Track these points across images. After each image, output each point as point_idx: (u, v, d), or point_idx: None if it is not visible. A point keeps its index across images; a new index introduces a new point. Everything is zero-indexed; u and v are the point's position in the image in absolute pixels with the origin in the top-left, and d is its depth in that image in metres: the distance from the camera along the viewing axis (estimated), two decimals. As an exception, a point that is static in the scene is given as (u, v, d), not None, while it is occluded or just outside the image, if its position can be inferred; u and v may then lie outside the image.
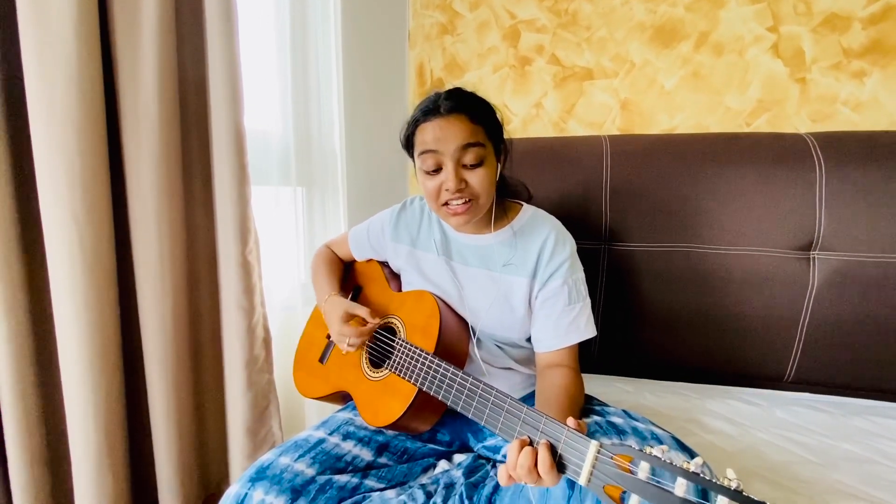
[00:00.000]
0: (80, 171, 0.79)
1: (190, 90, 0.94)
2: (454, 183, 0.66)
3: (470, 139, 0.67)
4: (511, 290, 0.74)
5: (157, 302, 0.91)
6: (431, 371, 0.65)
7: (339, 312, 0.75)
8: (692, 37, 1.20)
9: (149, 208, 0.87)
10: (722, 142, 1.03)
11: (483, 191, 0.69)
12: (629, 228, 1.03)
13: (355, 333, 0.73)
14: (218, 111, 0.92)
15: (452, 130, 0.66)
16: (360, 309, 0.75)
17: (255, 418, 1.03)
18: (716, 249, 0.99)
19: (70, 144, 0.77)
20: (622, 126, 1.28)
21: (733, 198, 0.98)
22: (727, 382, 1.06)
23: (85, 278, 0.80)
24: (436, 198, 0.70)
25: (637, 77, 1.25)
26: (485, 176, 0.68)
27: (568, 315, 0.72)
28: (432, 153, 0.67)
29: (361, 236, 0.90)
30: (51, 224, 0.79)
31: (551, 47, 1.31)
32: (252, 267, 0.99)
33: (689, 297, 1.02)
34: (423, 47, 1.44)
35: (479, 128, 0.68)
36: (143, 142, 0.86)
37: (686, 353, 1.05)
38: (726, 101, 1.20)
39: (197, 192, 0.98)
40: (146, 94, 0.85)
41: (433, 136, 0.67)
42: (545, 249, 0.73)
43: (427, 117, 0.68)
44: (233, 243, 0.95)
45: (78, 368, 0.82)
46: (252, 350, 1.01)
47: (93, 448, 0.84)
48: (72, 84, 0.76)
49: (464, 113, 0.67)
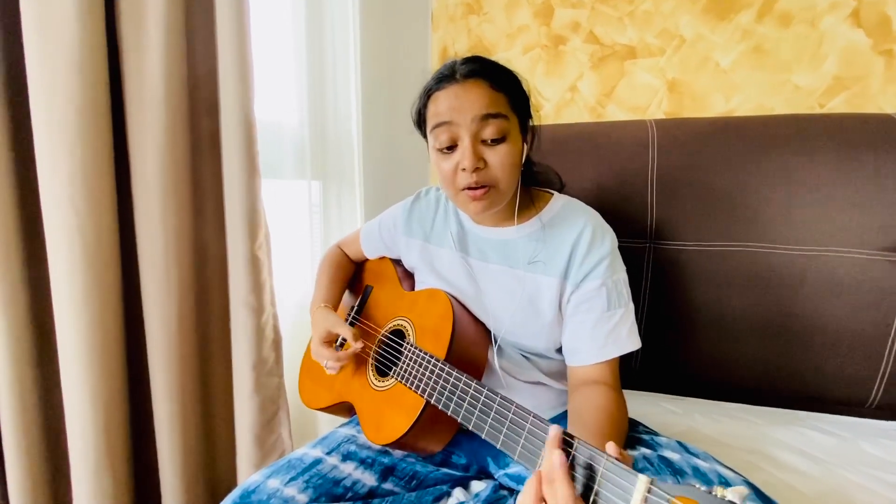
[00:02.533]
0: (81, 160, 0.76)
1: (199, 77, 0.89)
2: (471, 160, 0.56)
3: (490, 108, 0.57)
4: (538, 292, 0.63)
5: (161, 298, 0.87)
6: (441, 380, 0.55)
7: (321, 330, 0.68)
8: (754, 6, 1.05)
9: (154, 199, 0.84)
10: (793, 124, 0.87)
11: (504, 174, 0.58)
12: (679, 224, 0.90)
13: (333, 357, 0.66)
14: (227, 99, 0.87)
15: (470, 98, 0.57)
16: (343, 328, 0.67)
17: (262, 425, 0.97)
18: (785, 249, 0.84)
19: (71, 132, 0.74)
20: (669, 110, 1.14)
21: (807, 189, 0.83)
22: (796, 406, 0.90)
23: (85, 272, 0.77)
24: (452, 181, 0.60)
25: (687, 54, 1.11)
26: (507, 155, 0.58)
27: (606, 323, 0.60)
28: (446, 126, 0.58)
29: (373, 232, 0.82)
30: (50, 215, 0.76)
31: (589, 24, 1.18)
32: (261, 263, 0.93)
33: (749, 305, 0.88)
34: (446, 29, 1.34)
35: (502, 96, 0.58)
36: (148, 130, 0.82)
37: (745, 371, 0.90)
38: (795, 79, 1.03)
39: (206, 184, 0.94)
40: (152, 80, 0.81)
41: (447, 104, 0.57)
42: (580, 244, 0.62)
43: (441, 84, 0.59)
44: (241, 238, 0.90)
45: (77, 367, 0.78)
46: (260, 351, 0.95)
47: (91, 451, 0.80)
48: (73, 68, 0.73)
49: (484, 78, 0.57)
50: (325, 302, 0.75)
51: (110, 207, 0.81)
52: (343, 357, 0.67)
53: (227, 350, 0.98)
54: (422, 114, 0.63)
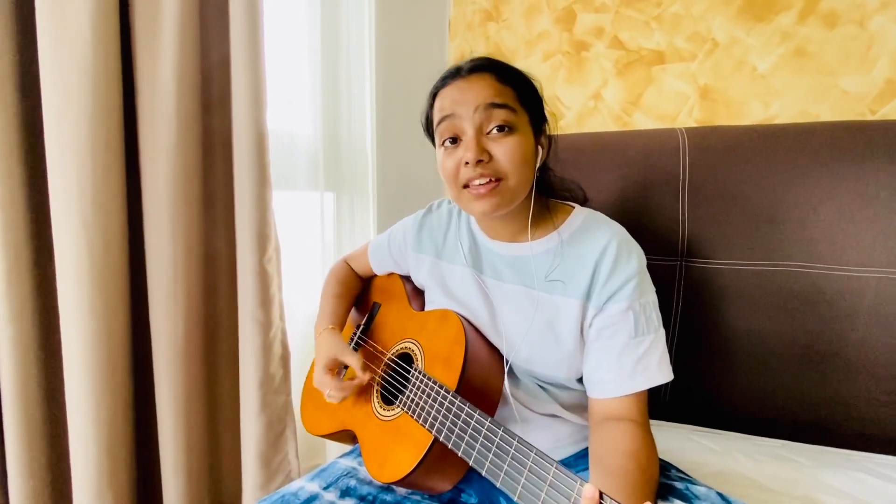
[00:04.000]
0: (92, 171, 0.75)
1: (211, 87, 0.88)
2: (474, 151, 0.52)
3: (495, 98, 0.53)
4: (557, 315, 0.58)
5: (169, 312, 0.85)
6: (451, 415, 0.50)
7: (326, 358, 0.64)
8: (795, 6, 0.97)
9: (164, 211, 0.83)
10: (843, 132, 0.80)
11: (512, 168, 0.53)
12: (713, 241, 0.82)
13: (336, 387, 0.62)
14: (239, 110, 0.85)
15: (473, 90, 0.53)
16: (350, 357, 0.64)
17: (269, 444, 0.94)
18: (836, 270, 0.76)
19: (82, 142, 0.74)
20: (701, 118, 1.07)
21: (861, 203, 0.75)
22: (847, 445, 0.81)
23: (92, 284, 0.76)
24: (454, 178, 0.55)
25: (721, 59, 1.04)
26: (514, 147, 0.53)
27: (633, 351, 0.54)
28: (449, 119, 0.54)
29: (382, 246, 0.78)
30: (60, 226, 0.76)
31: (613, 29, 1.13)
32: (270, 277, 0.91)
33: (794, 331, 0.79)
34: (464, 37, 1.31)
35: (509, 89, 0.54)
36: (159, 140, 0.81)
37: (788, 403, 0.82)
38: (842, 83, 0.95)
39: (217, 195, 0.92)
40: (164, 89, 0.80)
41: (451, 98, 0.54)
42: (603, 262, 0.56)
43: (445, 82, 0.56)
44: (249, 251, 0.88)
45: (81, 382, 0.77)
46: (268, 368, 0.92)
47: (93, 469, 0.78)
48: (86, 78, 0.73)
49: (489, 71, 0.54)
50: (332, 323, 0.71)
51: (119, 218, 0.80)
52: (347, 388, 0.63)
53: (234, 366, 0.95)
54: (429, 116, 0.60)
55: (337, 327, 0.71)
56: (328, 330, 0.69)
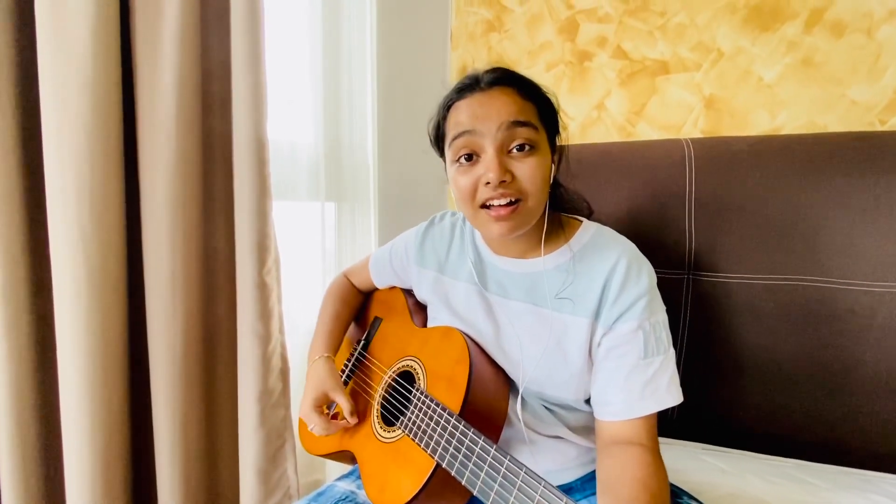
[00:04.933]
0: (90, 181, 0.75)
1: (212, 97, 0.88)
2: (497, 172, 0.50)
3: (520, 115, 0.51)
4: (565, 334, 0.56)
5: (167, 323, 0.84)
6: (455, 440, 0.48)
7: (316, 392, 0.63)
8: (801, 15, 0.96)
9: (162, 222, 0.82)
10: (855, 142, 0.78)
11: (534, 188, 0.52)
12: (722, 254, 0.81)
13: (321, 425, 0.61)
14: (240, 120, 0.85)
15: (496, 105, 0.51)
16: (340, 396, 0.62)
17: (267, 459, 0.92)
18: (848, 284, 0.74)
19: (80, 151, 0.74)
20: (706, 128, 1.06)
21: (873, 217, 0.73)
22: (864, 465, 0.78)
23: (89, 295, 0.75)
24: (471, 197, 0.53)
25: (726, 68, 1.03)
26: (536, 167, 0.51)
27: (643, 372, 0.52)
28: (467, 135, 0.52)
29: (383, 260, 0.76)
30: (57, 237, 0.75)
31: (616, 38, 1.12)
32: (270, 289, 0.90)
33: (806, 347, 0.77)
34: (466, 47, 1.30)
35: (531, 105, 0.53)
36: (159, 150, 0.81)
37: (802, 421, 0.79)
38: (851, 93, 0.94)
39: (217, 205, 0.91)
40: (165, 99, 0.80)
41: (470, 113, 0.52)
42: (613, 280, 0.54)
43: (462, 94, 0.53)
44: (249, 263, 0.87)
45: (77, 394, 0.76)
46: (266, 382, 0.91)
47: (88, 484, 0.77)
48: (86, 87, 0.73)
49: (511, 86, 0.52)
50: (327, 350, 0.69)
51: (118, 229, 0.80)
52: (333, 428, 0.62)
53: (232, 380, 0.94)
54: (440, 128, 0.58)
55: (332, 355, 0.69)
56: (323, 359, 0.67)
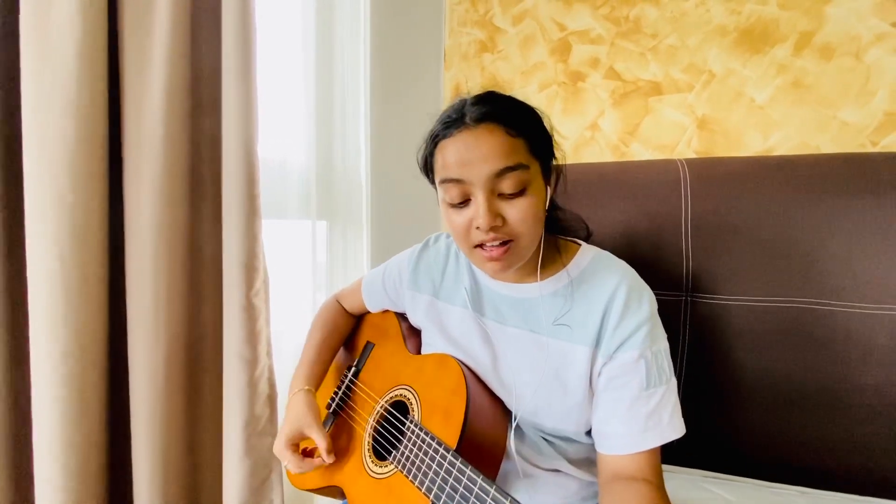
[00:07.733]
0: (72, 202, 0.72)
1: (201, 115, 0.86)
2: (486, 219, 0.49)
3: (507, 161, 0.49)
4: (564, 362, 0.54)
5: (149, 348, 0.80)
6: (452, 478, 0.46)
7: (291, 429, 0.61)
8: (790, 38, 0.98)
9: (147, 243, 0.79)
10: (851, 163, 0.78)
11: (526, 229, 0.51)
12: (720, 276, 0.79)
13: (295, 463, 0.59)
14: (229, 138, 0.83)
15: (482, 150, 0.49)
16: (317, 434, 0.60)
17: (252, 490, 0.87)
18: (850, 307, 0.73)
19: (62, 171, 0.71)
20: (700, 149, 1.06)
21: (872, 238, 0.73)
22: (868, 492, 0.76)
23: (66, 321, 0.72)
24: (465, 237, 0.52)
25: (718, 90, 1.04)
26: (528, 208, 0.50)
27: (645, 404, 0.50)
28: (455, 183, 0.50)
29: (376, 283, 0.74)
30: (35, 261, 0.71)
31: (609, 60, 1.13)
32: (258, 312, 0.86)
33: (807, 370, 0.76)
34: (459, 67, 1.31)
35: (521, 142, 0.50)
36: (145, 171, 0.78)
37: (805, 447, 0.77)
38: (842, 115, 0.95)
39: (205, 226, 0.89)
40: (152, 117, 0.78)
41: (456, 157, 0.50)
42: (613, 306, 0.52)
43: (449, 130, 0.51)
44: (236, 284, 0.84)
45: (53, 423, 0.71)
46: (253, 408, 0.87)
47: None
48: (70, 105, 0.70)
49: (498, 123, 0.50)
50: (307, 382, 0.67)
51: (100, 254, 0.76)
52: (306, 467, 0.59)
53: (217, 406, 0.89)
54: (428, 161, 0.56)
55: (313, 388, 0.67)
56: (302, 392, 0.65)
